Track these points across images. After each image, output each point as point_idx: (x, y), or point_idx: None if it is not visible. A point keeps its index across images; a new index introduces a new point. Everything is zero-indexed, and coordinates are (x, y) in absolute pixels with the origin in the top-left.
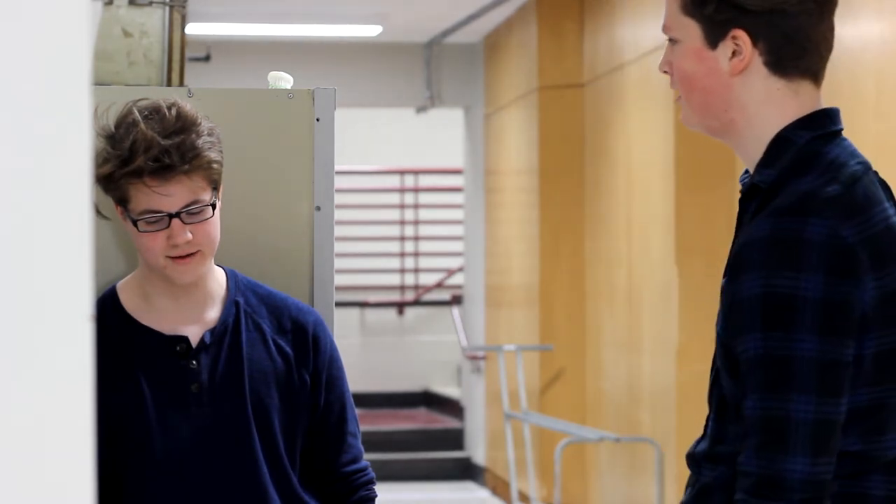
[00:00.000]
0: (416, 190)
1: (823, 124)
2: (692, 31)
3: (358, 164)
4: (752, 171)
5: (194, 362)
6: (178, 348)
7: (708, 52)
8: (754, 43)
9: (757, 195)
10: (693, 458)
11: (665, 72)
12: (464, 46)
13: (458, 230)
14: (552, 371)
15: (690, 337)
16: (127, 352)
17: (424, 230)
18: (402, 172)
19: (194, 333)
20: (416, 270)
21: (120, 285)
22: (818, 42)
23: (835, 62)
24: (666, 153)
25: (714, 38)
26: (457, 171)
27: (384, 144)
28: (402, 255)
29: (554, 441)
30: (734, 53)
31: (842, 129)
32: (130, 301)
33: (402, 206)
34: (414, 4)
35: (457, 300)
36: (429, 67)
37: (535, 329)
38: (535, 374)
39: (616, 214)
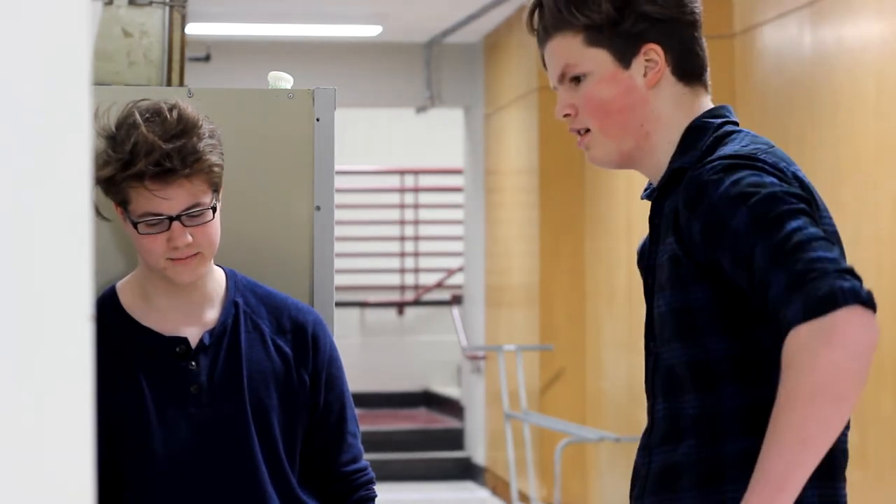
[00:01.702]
0: (416, 190)
1: (728, 115)
2: (602, 58)
3: (358, 164)
4: (658, 173)
5: (193, 363)
6: (177, 349)
7: (622, 73)
8: (665, 54)
9: (675, 181)
10: (648, 449)
11: (566, 115)
12: (464, 46)
13: (458, 230)
14: (552, 371)
15: None
16: (127, 352)
17: (424, 230)
18: (402, 172)
19: (193, 334)
20: (416, 270)
21: (120, 285)
22: (704, 55)
23: (835, 62)
24: None
25: (627, 57)
26: (457, 171)
27: (384, 144)
28: (402, 255)
29: (554, 441)
30: (647, 69)
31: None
32: (130, 301)
33: (402, 206)
34: (414, 4)
35: (457, 300)
36: (429, 67)
37: (535, 329)
38: (535, 374)
39: (616, 214)
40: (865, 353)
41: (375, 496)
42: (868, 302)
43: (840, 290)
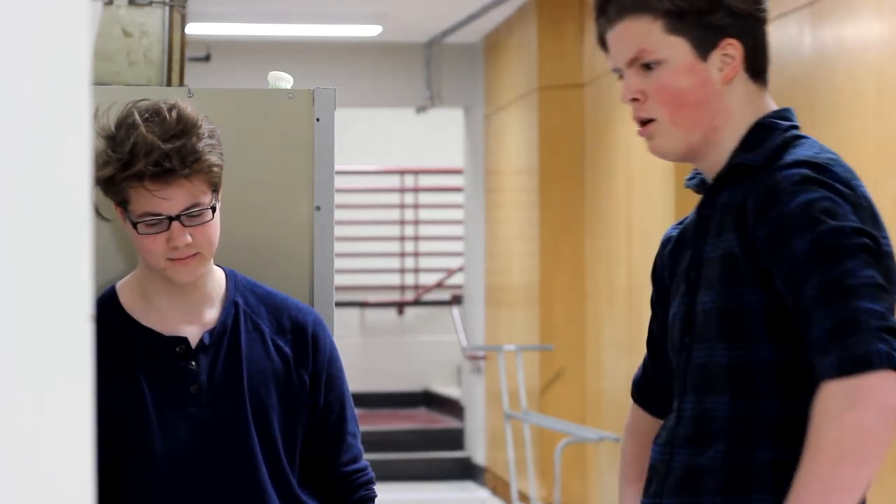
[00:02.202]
0: (416, 190)
1: (793, 119)
2: (680, 48)
3: (358, 164)
4: (715, 169)
5: (193, 363)
6: (177, 349)
7: (700, 64)
8: (743, 50)
9: (735, 177)
10: (670, 446)
11: (635, 100)
12: (464, 46)
13: (458, 230)
14: (552, 371)
15: None
16: (127, 352)
17: (424, 230)
18: (402, 172)
19: (193, 334)
20: (416, 270)
21: (119, 285)
22: (768, 50)
23: (835, 62)
24: None
25: (705, 49)
26: (457, 171)
27: (384, 144)
28: (402, 255)
29: (554, 441)
30: (723, 63)
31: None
32: (130, 301)
33: (402, 206)
34: (414, 4)
35: (457, 300)
36: (429, 67)
37: (535, 329)
38: (535, 374)
39: (616, 214)
40: (893, 417)
41: (375, 496)
42: None
43: (876, 352)
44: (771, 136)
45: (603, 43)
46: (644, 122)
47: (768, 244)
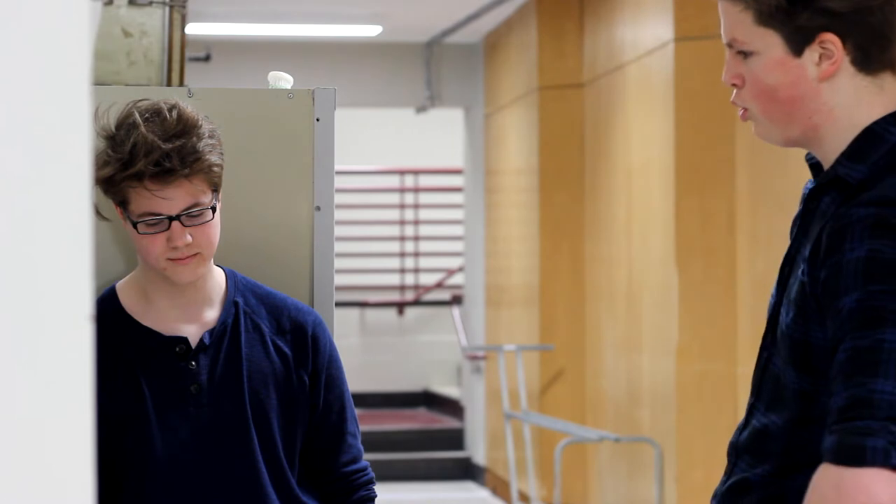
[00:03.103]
0: (416, 190)
1: None
2: (772, 41)
3: (358, 164)
4: (828, 163)
5: (193, 363)
6: (177, 349)
7: (793, 60)
8: (843, 44)
9: (836, 187)
10: (735, 448)
11: (734, 84)
12: (464, 46)
13: (458, 230)
14: (552, 371)
15: (690, 337)
16: (127, 352)
17: (424, 230)
18: (402, 172)
19: (193, 334)
20: (416, 270)
21: (119, 285)
22: (894, 33)
23: None
24: (666, 153)
25: (799, 45)
26: (457, 171)
27: (384, 144)
28: (402, 255)
29: (554, 441)
30: (821, 58)
31: None
32: (130, 301)
33: (401, 206)
34: (414, 4)
35: (457, 300)
36: (429, 67)
37: (535, 329)
38: (535, 374)
39: (616, 215)
40: None
41: (375, 496)
42: None
43: (872, 448)
44: (878, 147)
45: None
46: (744, 108)
47: (825, 291)
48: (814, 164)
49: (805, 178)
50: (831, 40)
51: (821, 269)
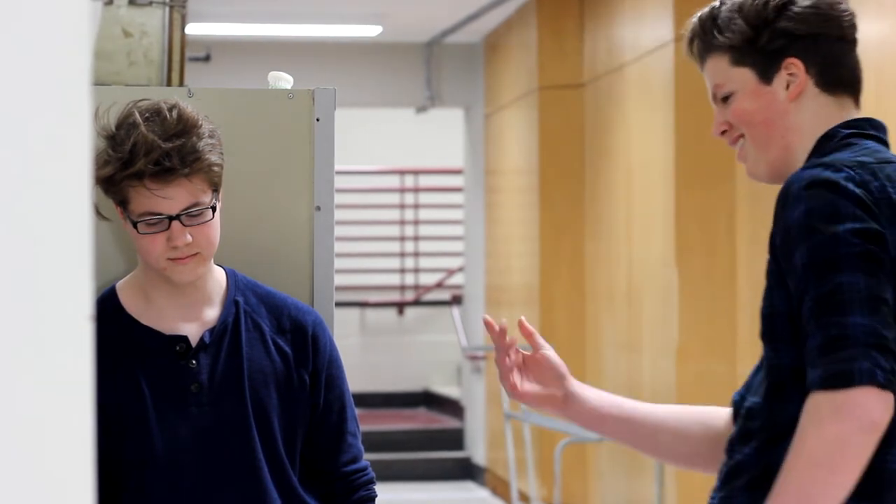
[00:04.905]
0: (416, 190)
1: (864, 126)
2: (745, 77)
3: (358, 164)
4: None
5: (194, 362)
6: (177, 348)
7: (764, 88)
8: (806, 67)
9: None
10: (730, 442)
11: (723, 133)
12: (464, 46)
13: (458, 230)
14: None
15: (690, 337)
16: (127, 352)
17: (424, 230)
18: (402, 172)
19: (194, 333)
20: (416, 270)
21: (120, 285)
22: (853, 66)
23: None
24: (666, 153)
25: (769, 73)
26: (457, 171)
27: (384, 144)
28: (402, 255)
29: (554, 441)
30: (788, 83)
31: (882, 137)
32: (130, 301)
33: (402, 206)
34: (414, 4)
35: (457, 300)
36: (429, 67)
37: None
38: None
39: (616, 214)
40: (872, 430)
41: (375, 496)
42: (886, 384)
43: (858, 369)
44: (830, 143)
45: None
46: (740, 148)
47: (781, 253)
48: None
49: None
50: (795, 63)
51: (775, 233)
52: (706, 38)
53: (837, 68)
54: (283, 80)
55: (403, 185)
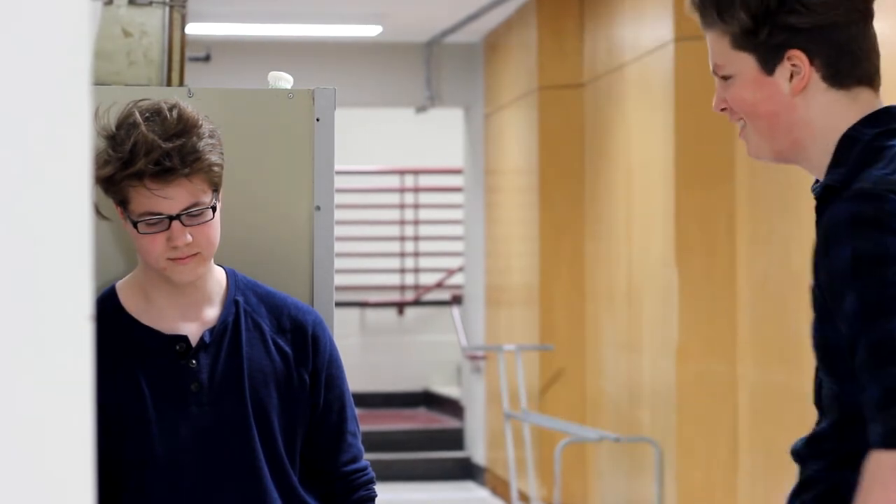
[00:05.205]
0: (416, 190)
1: (887, 121)
2: (746, 62)
3: (358, 164)
4: (822, 178)
5: (194, 361)
6: (177, 348)
7: (766, 78)
8: (811, 60)
9: (832, 195)
10: (798, 455)
11: (722, 109)
12: (464, 46)
13: (458, 230)
14: (552, 371)
15: (690, 337)
16: (127, 351)
17: (424, 230)
18: (402, 172)
19: (194, 333)
20: (416, 270)
21: (119, 285)
22: (868, 49)
23: None
24: (666, 153)
25: (770, 64)
26: (456, 171)
27: (384, 144)
28: (402, 255)
29: (554, 441)
30: (792, 74)
31: None
32: (130, 301)
33: (401, 206)
34: (414, 4)
35: (457, 300)
36: (429, 67)
37: (535, 329)
38: (535, 374)
39: (616, 214)
40: None
41: (375, 496)
42: None
43: None
44: (853, 147)
45: None
46: (742, 127)
47: (828, 293)
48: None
49: (805, 175)
50: (798, 56)
51: (821, 273)
52: (705, 14)
53: (847, 59)
54: (283, 80)
55: (403, 185)
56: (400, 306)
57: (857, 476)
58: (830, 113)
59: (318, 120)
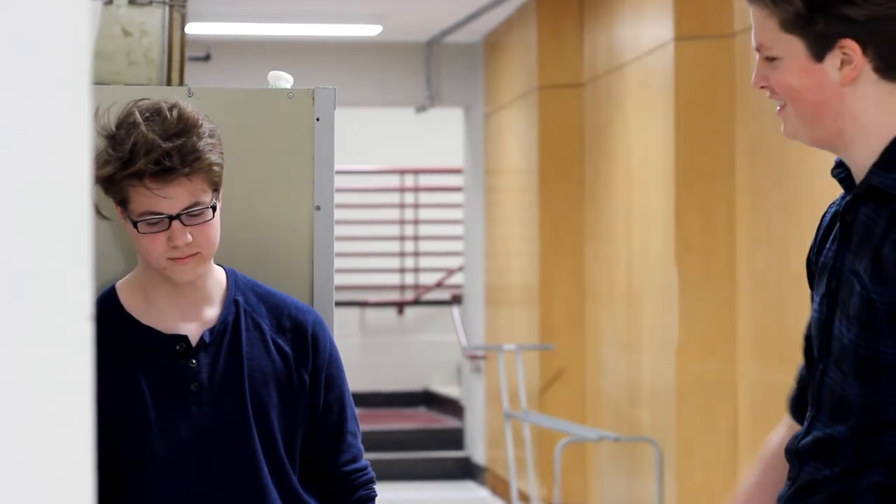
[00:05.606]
0: (416, 190)
1: None
2: (795, 47)
3: (358, 164)
4: (859, 173)
5: (194, 361)
6: (177, 347)
7: (815, 65)
8: (863, 51)
9: (873, 198)
10: (797, 454)
11: (762, 87)
12: (464, 46)
13: (457, 230)
14: (552, 371)
15: (690, 337)
16: (127, 351)
17: (424, 230)
18: (402, 172)
19: (194, 332)
20: (416, 270)
21: (119, 285)
22: None
23: None
24: (666, 153)
25: (820, 51)
26: (456, 171)
27: (384, 144)
28: (402, 254)
29: (554, 441)
30: (843, 63)
31: None
32: (130, 301)
33: (401, 206)
34: (414, 4)
35: (457, 300)
36: (429, 67)
37: (535, 329)
38: (535, 373)
39: (616, 214)
40: None
41: (375, 495)
42: None
43: None
44: None
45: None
46: (780, 105)
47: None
48: (842, 179)
49: (804, 175)
50: (851, 46)
51: (891, 285)
52: None
53: None
54: (283, 79)
55: (403, 185)
56: (400, 306)
57: (872, 483)
58: (880, 106)
59: (317, 120)
